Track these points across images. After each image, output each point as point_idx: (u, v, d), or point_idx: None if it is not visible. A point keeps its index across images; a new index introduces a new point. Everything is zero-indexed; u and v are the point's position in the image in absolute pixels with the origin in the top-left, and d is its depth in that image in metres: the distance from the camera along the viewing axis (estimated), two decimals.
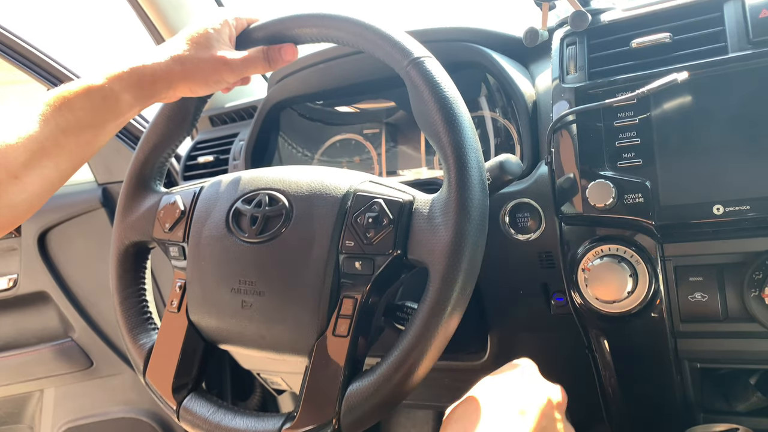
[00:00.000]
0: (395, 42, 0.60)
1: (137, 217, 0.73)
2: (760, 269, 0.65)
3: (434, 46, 0.66)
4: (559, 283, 0.78)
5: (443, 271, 0.53)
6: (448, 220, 0.54)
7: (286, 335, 0.61)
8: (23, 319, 1.47)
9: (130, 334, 0.71)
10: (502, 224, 0.81)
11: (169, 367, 0.66)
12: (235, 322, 0.63)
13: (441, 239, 0.54)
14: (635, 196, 0.70)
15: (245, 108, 1.23)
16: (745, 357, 0.72)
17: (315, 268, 0.59)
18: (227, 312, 0.63)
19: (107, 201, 1.37)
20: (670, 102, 0.70)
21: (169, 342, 0.67)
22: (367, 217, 0.58)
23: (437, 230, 0.55)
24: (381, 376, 0.54)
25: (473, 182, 0.54)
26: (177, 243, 0.69)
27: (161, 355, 0.68)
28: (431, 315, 0.53)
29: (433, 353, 0.54)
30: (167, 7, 1.24)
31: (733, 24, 0.69)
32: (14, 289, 1.43)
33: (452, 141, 0.55)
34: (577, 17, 0.79)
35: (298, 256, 0.60)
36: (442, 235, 0.54)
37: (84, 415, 1.53)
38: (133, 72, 0.61)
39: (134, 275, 0.74)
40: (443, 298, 0.53)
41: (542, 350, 0.91)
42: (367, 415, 0.55)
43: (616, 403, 0.80)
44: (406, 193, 0.59)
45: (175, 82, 0.63)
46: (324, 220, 0.60)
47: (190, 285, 0.67)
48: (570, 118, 0.75)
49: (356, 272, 0.58)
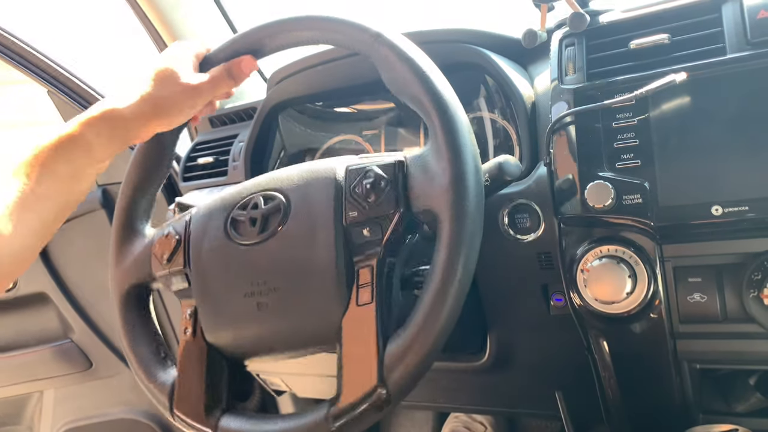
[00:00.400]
0: (352, 24, 0.61)
1: (132, 261, 0.72)
2: (759, 270, 0.65)
3: (433, 48, 0.66)
4: (558, 283, 0.78)
5: (451, 208, 0.53)
6: (442, 164, 0.55)
7: (310, 324, 0.60)
8: (23, 321, 1.47)
9: (147, 375, 0.68)
10: (501, 225, 0.82)
11: (197, 395, 0.64)
12: (254, 328, 0.62)
13: (441, 182, 0.55)
14: (634, 196, 0.70)
15: (245, 109, 1.23)
16: (745, 358, 0.72)
17: (325, 248, 0.59)
18: (244, 319, 0.62)
19: (107, 202, 1.37)
20: (669, 103, 0.70)
21: (191, 370, 0.65)
22: (365, 185, 0.59)
23: (435, 177, 0.56)
24: (416, 326, 0.53)
25: (459, 125, 0.56)
26: (179, 272, 0.68)
27: (186, 385, 0.65)
28: (451, 251, 0.53)
29: (461, 287, 0.53)
30: (166, 6, 1.24)
31: (732, 25, 0.69)
32: (14, 290, 1.43)
33: (428, 92, 0.57)
34: (576, 18, 0.79)
35: (305, 242, 0.60)
36: (440, 179, 0.55)
37: (83, 416, 1.53)
38: (104, 117, 0.62)
39: (140, 316, 0.73)
40: (458, 231, 0.53)
41: (541, 351, 0.91)
42: (411, 369, 0.53)
43: (616, 404, 0.80)
44: (396, 156, 0.60)
45: (149, 120, 0.64)
46: (323, 201, 0.60)
47: (201, 306, 0.65)
48: (569, 119, 0.75)
49: (366, 240, 0.58)
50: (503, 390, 1.00)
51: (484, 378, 0.97)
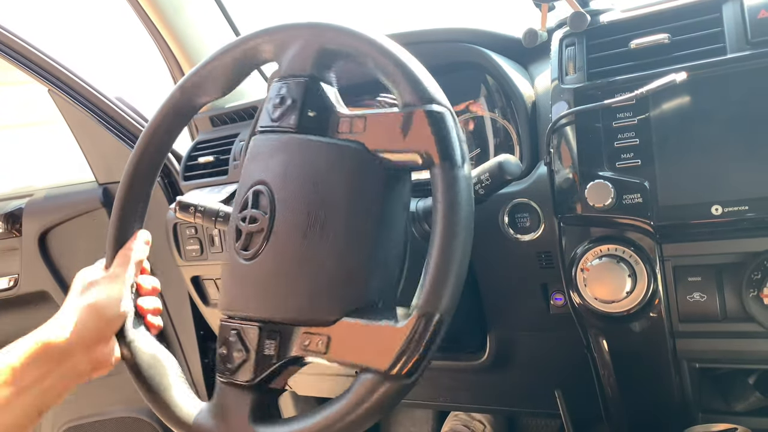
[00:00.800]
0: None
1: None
2: (758, 269, 0.65)
3: (434, 47, 0.67)
4: (558, 283, 0.78)
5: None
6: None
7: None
8: (23, 319, 1.47)
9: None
10: (501, 224, 0.82)
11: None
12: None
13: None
14: (634, 196, 0.70)
15: (245, 108, 1.23)
16: (744, 357, 0.72)
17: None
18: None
19: (107, 201, 1.37)
20: (669, 103, 0.70)
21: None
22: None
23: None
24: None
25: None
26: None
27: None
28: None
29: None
30: (167, 8, 1.24)
31: (732, 25, 0.69)
32: (15, 288, 1.43)
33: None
34: (576, 18, 0.79)
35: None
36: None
37: (84, 415, 1.53)
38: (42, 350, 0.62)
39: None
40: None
41: (541, 350, 0.91)
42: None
43: (615, 403, 0.80)
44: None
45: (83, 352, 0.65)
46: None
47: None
48: (569, 119, 0.75)
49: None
50: (503, 389, 1.00)
51: (484, 377, 0.97)
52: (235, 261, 0.62)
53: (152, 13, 1.24)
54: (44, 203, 1.40)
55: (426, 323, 0.50)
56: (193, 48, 1.29)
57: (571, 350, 0.83)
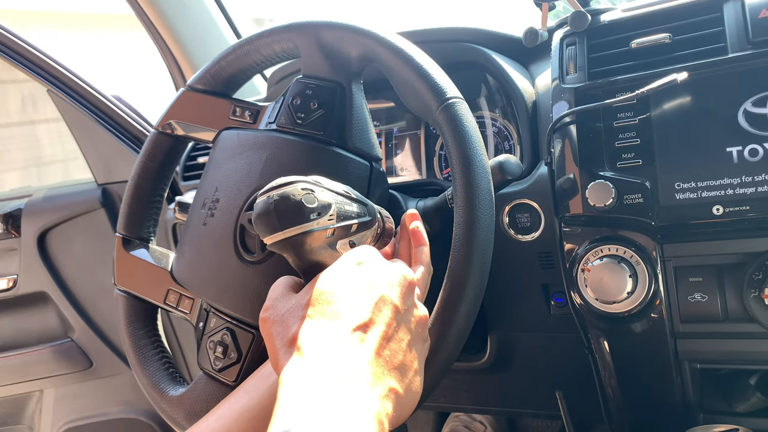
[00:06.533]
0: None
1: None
2: (759, 270, 0.65)
3: (434, 47, 0.66)
4: (558, 283, 0.78)
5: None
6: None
7: None
8: (23, 320, 1.47)
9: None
10: (501, 224, 0.81)
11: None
12: None
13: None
14: (635, 196, 0.70)
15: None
16: (745, 357, 0.72)
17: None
18: None
19: (107, 201, 1.37)
20: (670, 102, 0.70)
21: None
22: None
23: None
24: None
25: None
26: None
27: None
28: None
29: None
30: (168, 9, 1.24)
31: (733, 24, 0.69)
32: (14, 289, 1.43)
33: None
34: (577, 17, 0.79)
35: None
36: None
37: (83, 416, 1.52)
38: None
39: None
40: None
41: (542, 350, 0.91)
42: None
43: (616, 404, 0.80)
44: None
45: None
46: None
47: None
48: (570, 119, 0.75)
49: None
50: (504, 389, 1.00)
51: (485, 378, 0.97)
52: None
53: (152, 13, 1.24)
54: (43, 203, 1.40)
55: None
56: (193, 48, 1.29)
57: (572, 351, 0.83)
